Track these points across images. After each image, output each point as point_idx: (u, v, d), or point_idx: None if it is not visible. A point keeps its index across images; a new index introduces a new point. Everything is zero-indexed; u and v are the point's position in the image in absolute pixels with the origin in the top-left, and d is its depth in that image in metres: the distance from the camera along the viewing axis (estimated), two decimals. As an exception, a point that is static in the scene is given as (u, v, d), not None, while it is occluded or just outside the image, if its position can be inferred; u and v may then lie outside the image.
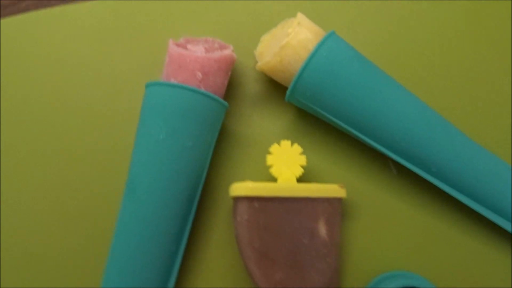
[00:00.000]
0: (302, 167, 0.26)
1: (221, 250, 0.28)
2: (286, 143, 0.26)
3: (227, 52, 0.27)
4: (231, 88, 0.30)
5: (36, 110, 0.30)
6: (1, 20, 0.32)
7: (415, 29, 0.31)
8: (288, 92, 0.27)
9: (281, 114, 0.30)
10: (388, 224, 0.28)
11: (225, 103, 0.27)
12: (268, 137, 0.29)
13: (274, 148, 0.26)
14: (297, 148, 0.26)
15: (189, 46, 0.27)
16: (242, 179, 0.29)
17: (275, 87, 0.30)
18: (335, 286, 0.26)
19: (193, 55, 0.26)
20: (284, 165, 0.26)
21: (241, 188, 0.25)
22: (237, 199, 0.25)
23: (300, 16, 0.28)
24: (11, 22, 0.32)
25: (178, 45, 0.27)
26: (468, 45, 0.30)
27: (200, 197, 0.27)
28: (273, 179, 0.26)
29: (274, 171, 0.26)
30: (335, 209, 0.26)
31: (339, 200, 0.26)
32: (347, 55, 0.26)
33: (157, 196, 0.25)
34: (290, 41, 0.26)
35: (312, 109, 0.27)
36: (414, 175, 0.28)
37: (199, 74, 0.26)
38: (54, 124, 0.30)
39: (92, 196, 0.29)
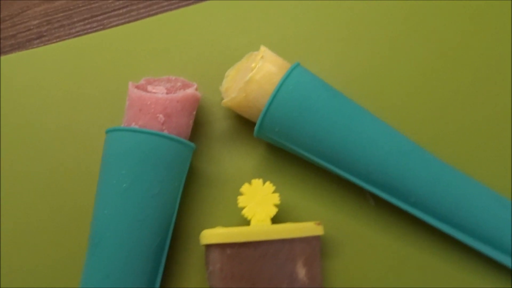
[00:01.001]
0: (276, 206, 0.25)
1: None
2: (257, 182, 0.25)
3: (190, 91, 0.26)
4: (198, 127, 0.29)
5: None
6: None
7: (385, 57, 0.30)
8: (256, 128, 0.26)
9: (251, 151, 0.29)
10: (370, 259, 0.27)
11: (191, 144, 0.26)
12: (239, 176, 0.28)
13: (245, 188, 0.25)
14: (269, 186, 0.25)
15: (149, 88, 0.26)
16: (214, 222, 0.27)
17: (243, 124, 0.29)
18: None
19: (154, 96, 0.25)
20: (257, 205, 0.25)
21: (212, 235, 0.23)
22: (208, 247, 0.23)
23: (263, 49, 0.27)
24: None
25: (138, 87, 0.26)
26: (446, 75, 0.30)
27: (170, 246, 0.25)
28: (246, 221, 0.25)
29: (246, 212, 0.25)
30: (314, 248, 0.25)
31: (317, 238, 0.25)
32: (313, 86, 0.26)
33: (123, 250, 0.23)
34: (253, 76, 0.25)
35: (282, 144, 0.26)
36: (391, 206, 0.26)
37: (161, 117, 0.25)
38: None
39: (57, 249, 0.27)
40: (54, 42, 0.32)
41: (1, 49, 0.32)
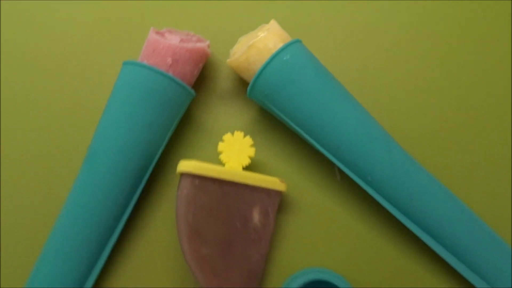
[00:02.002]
0: (250, 158, 0.28)
1: (163, 223, 0.30)
2: (239, 134, 0.28)
3: (201, 45, 0.30)
4: (204, 81, 0.33)
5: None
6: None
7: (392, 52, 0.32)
8: (249, 88, 0.29)
9: (244, 110, 0.32)
10: (323, 225, 0.29)
11: (191, 90, 0.29)
12: (228, 129, 0.31)
13: (227, 137, 0.28)
14: (248, 140, 0.28)
15: (167, 34, 0.30)
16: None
17: (242, 85, 0.32)
18: (260, 273, 0.28)
19: (167, 42, 0.29)
20: (233, 153, 0.28)
21: (186, 165, 0.27)
22: (181, 175, 0.27)
23: (272, 22, 0.30)
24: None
25: (158, 33, 0.30)
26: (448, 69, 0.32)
27: (153, 173, 0.29)
28: (222, 166, 0.28)
29: (223, 157, 0.28)
30: (273, 200, 0.28)
31: (278, 193, 0.28)
32: (306, 62, 0.28)
33: (112, 166, 0.27)
34: (256, 43, 0.29)
35: (269, 107, 0.29)
36: (355, 185, 0.29)
37: (169, 60, 0.29)
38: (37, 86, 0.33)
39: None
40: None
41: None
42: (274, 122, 0.31)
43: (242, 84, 0.32)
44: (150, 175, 0.29)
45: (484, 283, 0.27)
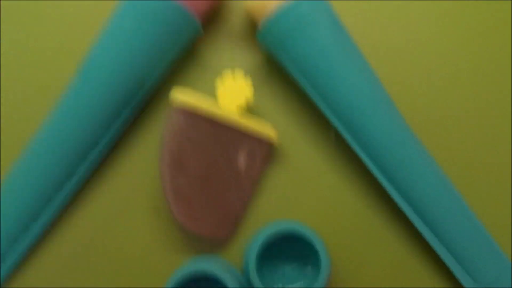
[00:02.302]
0: (247, 99, 0.27)
1: (148, 152, 0.29)
2: (239, 73, 0.27)
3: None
4: (217, 21, 0.31)
5: None
6: None
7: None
8: (261, 28, 0.28)
9: (252, 54, 0.30)
10: (309, 182, 0.29)
11: (195, 20, 0.28)
12: (231, 68, 0.30)
13: (226, 74, 0.27)
14: (248, 81, 0.27)
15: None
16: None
17: (254, 29, 0.31)
18: (237, 219, 0.27)
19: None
20: (230, 91, 0.27)
21: (179, 95, 0.26)
22: (173, 106, 0.26)
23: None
24: None
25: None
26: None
27: (147, 102, 0.29)
28: (217, 102, 0.27)
29: (219, 93, 0.27)
30: (262, 148, 0.27)
31: (268, 141, 0.27)
32: (326, 15, 0.27)
33: (103, 80, 0.26)
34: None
35: (278, 54, 0.28)
36: (348, 147, 0.28)
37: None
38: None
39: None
40: None
41: None
42: (279, 72, 0.30)
43: (253, 28, 0.31)
44: (144, 104, 0.28)
45: (459, 266, 0.27)
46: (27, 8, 0.31)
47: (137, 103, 0.28)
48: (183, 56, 0.30)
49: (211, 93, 0.29)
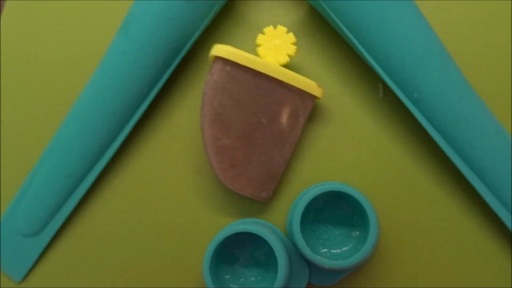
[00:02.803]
0: (290, 57, 0.26)
1: (189, 108, 0.28)
2: (281, 29, 0.26)
3: None
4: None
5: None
6: None
7: None
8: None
9: (294, 8, 0.29)
10: (354, 141, 0.27)
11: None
12: (273, 24, 0.29)
13: (268, 30, 0.26)
14: (291, 37, 0.26)
15: None
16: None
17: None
18: (279, 176, 0.26)
19: None
20: (272, 48, 0.26)
21: (220, 49, 0.25)
22: (214, 59, 0.25)
23: None
24: None
25: None
26: None
27: (186, 57, 0.28)
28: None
29: (260, 50, 0.26)
30: (305, 104, 0.26)
31: (312, 97, 0.26)
32: None
33: (148, 35, 0.26)
34: None
35: (323, 7, 0.26)
36: (398, 103, 0.26)
37: None
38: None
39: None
40: None
41: None
42: (324, 26, 0.29)
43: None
44: (183, 59, 0.28)
45: None
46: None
47: (178, 61, 0.27)
48: (222, 12, 0.29)
49: (253, 51, 0.28)
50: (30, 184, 0.27)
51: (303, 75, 0.28)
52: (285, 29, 0.26)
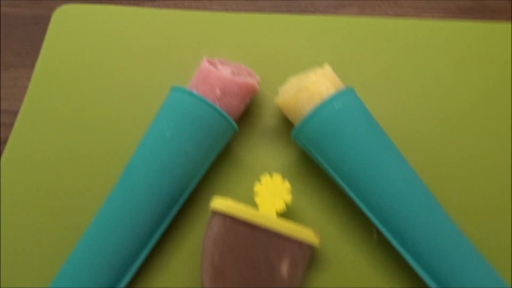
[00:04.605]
0: (286, 204, 0.27)
1: (188, 256, 0.28)
2: (277, 177, 0.27)
3: (251, 80, 0.29)
4: (248, 116, 0.32)
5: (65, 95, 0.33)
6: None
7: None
8: (294, 131, 0.28)
9: (286, 152, 0.31)
10: (353, 285, 0.28)
11: (234, 124, 0.29)
12: (266, 168, 0.30)
13: (264, 178, 0.27)
14: (286, 185, 0.27)
15: (219, 66, 0.30)
16: (230, 197, 0.30)
17: (286, 125, 0.31)
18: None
19: (219, 73, 0.28)
20: (268, 196, 0.27)
21: (219, 203, 0.26)
22: (213, 212, 0.26)
23: (326, 67, 0.29)
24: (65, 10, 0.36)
25: (210, 62, 0.30)
26: None
27: (186, 202, 0.28)
28: (256, 207, 0.27)
29: (258, 199, 0.27)
30: (304, 253, 0.26)
31: (310, 246, 0.26)
32: (358, 114, 0.27)
33: (148, 185, 0.27)
34: (308, 85, 0.28)
35: (312, 153, 0.28)
36: (393, 248, 0.27)
37: (218, 92, 0.28)
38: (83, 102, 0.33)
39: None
40: (161, 7, 0.37)
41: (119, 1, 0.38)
42: (315, 168, 0.30)
43: (286, 124, 0.31)
44: (183, 204, 0.28)
45: None
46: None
47: (177, 209, 0.28)
48: (219, 156, 0.30)
49: (249, 194, 0.28)
50: None
51: (299, 219, 0.29)
52: (280, 177, 0.27)
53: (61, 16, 0.37)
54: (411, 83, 0.33)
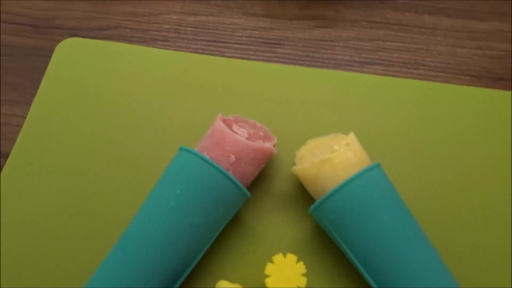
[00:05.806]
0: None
1: None
2: (291, 258, 0.25)
3: (268, 145, 0.27)
4: (260, 179, 0.29)
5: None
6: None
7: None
8: (313, 206, 0.26)
9: (299, 224, 0.28)
10: None
11: (247, 192, 0.26)
12: (278, 241, 0.28)
13: (277, 258, 0.25)
14: (301, 267, 0.25)
15: (234, 126, 0.27)
16: (239, 274, 0.27)
17: (302, 195, 0.29)
18: None
19: (234, 136, 0.26)
20: (281, 279, 0.24)
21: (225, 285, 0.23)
22: (219, 298, 0.23)
23: (351, 136, 0.27)
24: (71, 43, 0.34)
25: (225, 120, 0.27)
26: None
27: (187, 278, 0.26)
28: (265, 289, 0.24)
29: (269, 282, 0.24)
30: None
31: None
32: (383, 193, 0.25)
33: (145, 261, 0.24)
34: (332, 158, 0.25)
35: (330, 231, 0.26)
36: None
37: (232, 157, 0.25)
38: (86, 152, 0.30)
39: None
40: (173, 49, 0.35)
41: (129, 38, 0.35)
42: (331, 244, 0.27)
43: (301, 191, 0.29)
44: (184, 281, 0.26)
45: None
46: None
47: (179, 284, 0.25)
48: (230, 224, 0.27)
49: (259, 265, 0.26)
50: None
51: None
52: (295, 258, 0.25)
53: (65, 49, 0.34)
54: (436, 151, 0.31)
